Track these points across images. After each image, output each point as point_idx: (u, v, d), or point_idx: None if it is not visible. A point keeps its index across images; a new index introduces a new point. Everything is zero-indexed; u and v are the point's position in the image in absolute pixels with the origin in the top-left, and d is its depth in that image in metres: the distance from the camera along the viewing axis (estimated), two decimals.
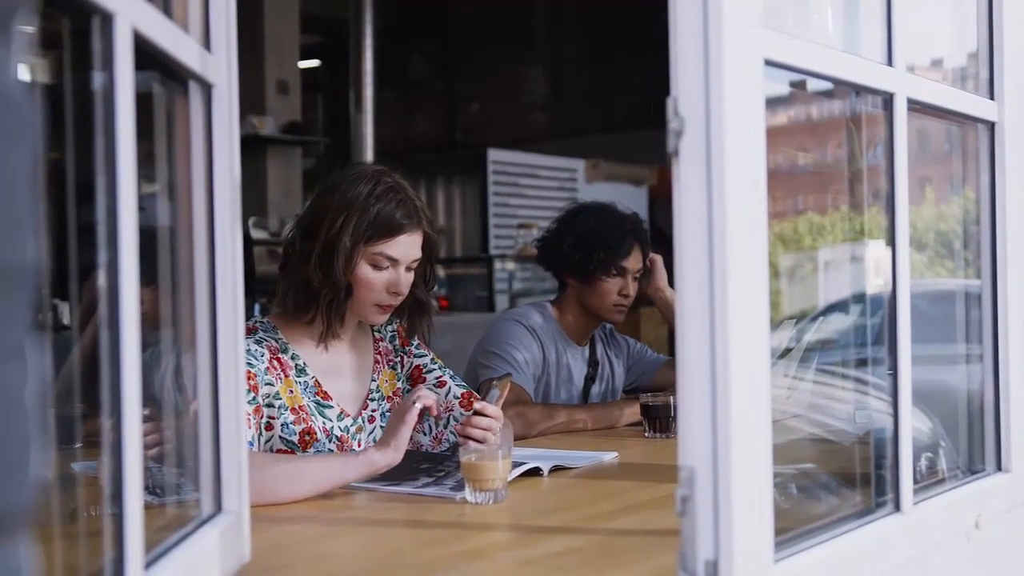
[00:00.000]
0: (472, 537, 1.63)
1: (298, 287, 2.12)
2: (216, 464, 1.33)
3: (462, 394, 2.30)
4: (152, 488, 1.26)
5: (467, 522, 1.71)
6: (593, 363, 3.05)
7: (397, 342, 2.34)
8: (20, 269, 0.55)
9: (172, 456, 1.40)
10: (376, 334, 2.33)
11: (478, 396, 2.28)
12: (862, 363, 1.87)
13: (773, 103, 1.22)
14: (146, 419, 1.34)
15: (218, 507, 1.32)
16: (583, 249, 2.88)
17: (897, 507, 1.46)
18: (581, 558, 1.47)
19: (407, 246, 2.14)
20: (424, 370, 2.33)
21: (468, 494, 1.80)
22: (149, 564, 1.06)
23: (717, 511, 1.12)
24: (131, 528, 0.98)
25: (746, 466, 1.13)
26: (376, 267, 2.12)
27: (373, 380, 2.27)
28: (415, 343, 2.36)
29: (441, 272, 7.65)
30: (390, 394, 2.29)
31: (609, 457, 2.27)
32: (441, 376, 2.33)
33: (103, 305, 0.97)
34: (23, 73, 0.58)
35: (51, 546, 1.02)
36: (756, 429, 1.16)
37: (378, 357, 2.30)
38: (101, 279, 0.96)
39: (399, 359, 2.34)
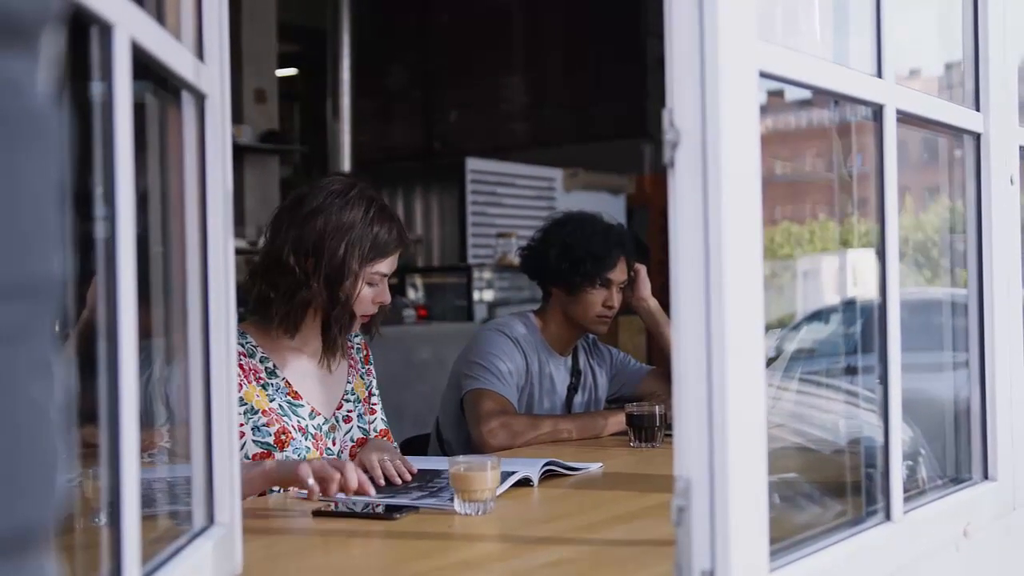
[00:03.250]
0: (463, 548, 1.63)
1: (300, 308, 2.18)
2: (208, 476, 1.32)
3: (381, 430, 2.40)
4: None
5: (457, 533, 1.71)
6: (576, 373, 3.05)
7: (361, 356, 2.44)
8: (47, 283, 0.55)
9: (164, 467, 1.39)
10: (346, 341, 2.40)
11: (390, 436, 2.42)
12: (846, 372, 1.88)
13: None
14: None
15: (210, 519, 1.32)
16: (569, 260, 2.87)
17: (888, 516, 1.47)
18: (575, 569, 1.47)
19: (395, 261, 2.26)
20: (371, 391, 2.44)
21: (457, 505, 1.80)
22: None
23: (713, 521, 1.13)
24: (128, 541, 0.97)
25: (742, 476, 1.14)
26: (370, 284, 2.22)
27: (348, 382, 2.35)
28: (371, 363, 2.46)
29: (419, 281, 7.64)
30: (363, 398, 2.38)
31: (595, 467, 2.27)
32: (376, 404, 2.44)
33: (100, 316, 0.96)
34: (49, 86, 0.58)
35: None
36: (752, 439, 1.16)
37: (351, 362, 2.39)
38: (100, 289, 0.96)
39: (365, 370, 2.43)
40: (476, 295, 7.27)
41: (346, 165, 8.71)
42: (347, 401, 2.33)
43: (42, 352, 0.54)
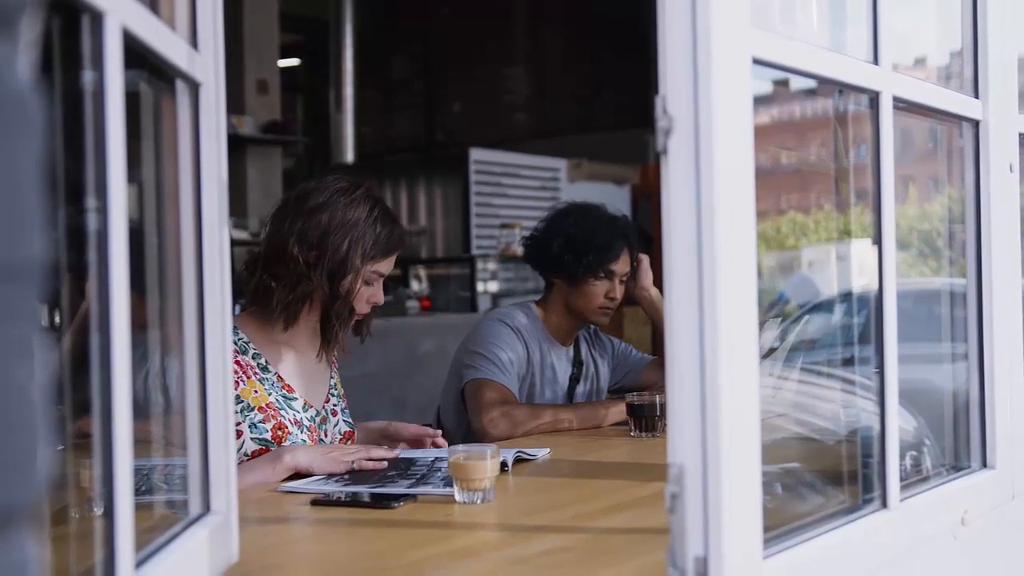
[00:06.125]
0: (461, 536, 1.63)
1: (300, 300, 2.20)
2: (204, 464, 1.32)
3: (346, 432, 2.38)
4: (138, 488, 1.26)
5: (455, 522, 1.71)
6: (578, 363, 3.05)
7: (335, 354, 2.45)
8: (28, 267, 0.55)
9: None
10: None
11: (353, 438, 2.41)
12: (847, 362, 1.88)
13: (756, 102, 1.22)
14: None
15: (206, 507, 1.32)
16: (572, 251, 2.87)
17: (884, 503, 1.47)
18: (571, 556, 1.48)
19: (392, 262, 2.29)
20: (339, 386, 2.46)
21: (456, 494, 1.80)
22: (139, 564, 1.05)
23: (707, 508, 1.13)
24: (122, 528, 0.97)
25: (736, 463, 1.14)
26: (367, 283, 2.24)
27: (332, 377, 2.39)
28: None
29: (422, 272, 7.65)
30: (342, 394, 2.42)
31: (543, 453, 2.28)
32: (342, 405, 2.42)
33: (93, 308, 0.96)
34: (28, 71, 0.58)
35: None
36: (745, 426, 1.16)
37: (333, 359, 2.41)
38: (91, 281, 0.96)
39: (338, 368, 2.46)
40: (480, 286, 7.27)
41: (349, 156, 8.71)
42: (332, 395, 2.37)
43: (24, 334, 0.55)
